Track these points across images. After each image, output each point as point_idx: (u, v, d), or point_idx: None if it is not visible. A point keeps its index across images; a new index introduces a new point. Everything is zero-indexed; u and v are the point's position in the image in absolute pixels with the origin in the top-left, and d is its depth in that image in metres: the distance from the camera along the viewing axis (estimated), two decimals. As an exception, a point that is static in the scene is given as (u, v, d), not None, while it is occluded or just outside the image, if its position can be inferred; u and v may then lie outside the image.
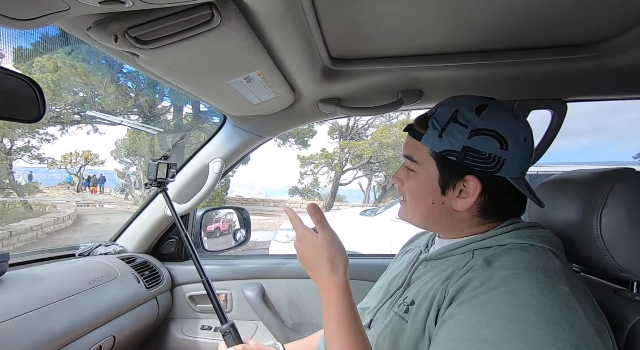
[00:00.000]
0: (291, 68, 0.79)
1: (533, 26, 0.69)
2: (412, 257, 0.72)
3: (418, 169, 0.62)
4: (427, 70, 0.88)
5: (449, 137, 0.56)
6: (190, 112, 11.41)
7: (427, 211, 0.62)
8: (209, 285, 0.91)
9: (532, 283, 0.46)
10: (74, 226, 9.30)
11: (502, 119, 0.57)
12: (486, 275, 0.49)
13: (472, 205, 0.57)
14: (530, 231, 0.57)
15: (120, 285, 1.03)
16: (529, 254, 0.51)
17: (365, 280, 1.23)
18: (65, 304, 0.84)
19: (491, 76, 0.89)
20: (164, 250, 1.32)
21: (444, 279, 0.55)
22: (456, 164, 0.57)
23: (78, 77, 8.78)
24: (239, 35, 0.58)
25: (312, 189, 16.09)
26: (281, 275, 1.29)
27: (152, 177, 1.00)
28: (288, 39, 0.65)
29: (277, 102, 0.96)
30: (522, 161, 0.57)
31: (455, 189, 0.58)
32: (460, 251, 0.59)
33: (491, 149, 0.55)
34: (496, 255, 0.53)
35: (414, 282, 0.64)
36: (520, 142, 0.56)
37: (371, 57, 0.85)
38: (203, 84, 0.74)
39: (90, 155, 18.71)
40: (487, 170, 0.56)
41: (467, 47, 0.80)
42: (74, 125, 10.69)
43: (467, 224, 0.61)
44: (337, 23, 0.68)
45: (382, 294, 0.72)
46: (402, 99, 0.97)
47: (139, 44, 0.52)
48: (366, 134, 14.94)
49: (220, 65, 0.66)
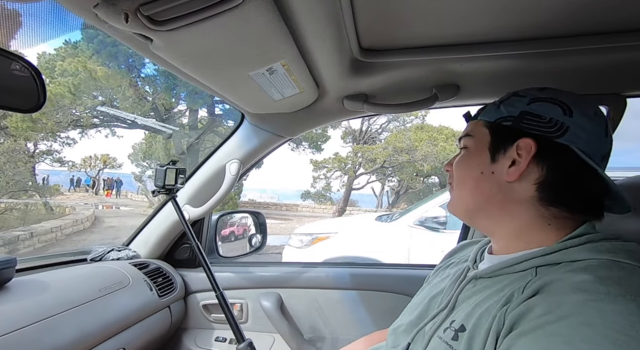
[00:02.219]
0: (317, 59, 0.71)
1: (588, 9, 0.60)
2: (457, 273, 0.62)
3: (471, 143, 0.57)
4: (467, 62, 0.79)
5: (506, 106, 0.53)
6: (205, 115, 11.56)
7: (475, 185, 0.55)
8: (224, 300, 0.84)
9: (618, 313, 0.36)
10: (91, 228, 9.48)
11: (567, 93, 0.52)
12: (554, 300, 0.40)
13: (523, 170, 0.49)
14: (612, 244, 0.46)
15: (132, 293, 0.97)
16: (612, 273, 0.41)
17: (392, 292, 1.14)
18: (72, 314, 0.78)
19: (539, 67, 0.79)
20: (178, 256, 1.26)
21: (503, 303, 0.46)
22: (510, 128, 0.52)
23: (98, 81, 9.00)
24: (264, 16, 0.51)
25: (324, 193, 15.98)
26: (299, 285, 1.21)
27: (160, 183, 0.95)
28: (317, 22, 0.58)
29: (300, 98, 0.88)
30: (592, 137, 0.49)
31: (506, 154, 0.51)
32: (520, 267, 0.49)
33: (552, 114, 0.49)
34: (566, 274, 0.43)
35: (462, 303, 0.54)
36: (590, 114, 0.49)
37: (404, 47, 0.77)
38: (222, 75, 0.67)
39: (108, 159, 19.23)
40: (546, 135, 0.49)
41: (513, 34, 0.71)
42: (93, 128, 10.97)
43: (525, 209, 0.51)
44: (371, 5, 0.60)
45: (419, 311, 0.62)
46: (437, 94, 0.89)
47: (152, 24, 0.46)
48: (379, 138, 14.78)
49: (241, 53, 0.59)
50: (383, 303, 1.15)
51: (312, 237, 3.70)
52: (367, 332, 1.10)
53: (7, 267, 0.74)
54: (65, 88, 8.97)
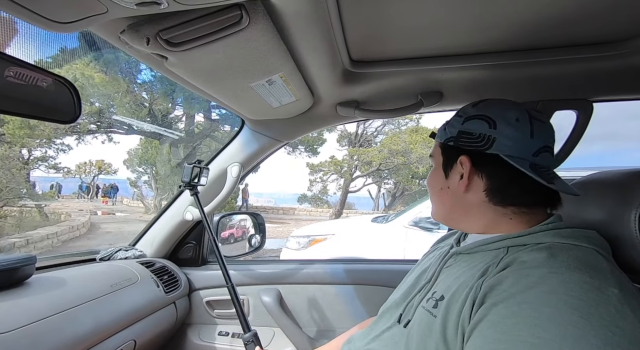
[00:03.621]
0: (312, 70, 0.79)
1: (557, 24, 0.68)
2: (442, 252, 0.71)
3: (433, 162, 0.68)
4: (448, 71, 0.87)
5: (450, 127, 0.64)
6: (202, 120, 11.61)
7: (439, 198, 0.66)
8: (234, 291, 0.91)
9: (575, 283, 0.43)
10: (87, 234, 9.46)
11: (494, 105, 0.61)
12: (522, 273, 0.47)
13: (467, 182, 0.59)
14: (573, 230, 0.53)
15: (141, 289, 1.04)
16: (571, 252, 0.48)
17: (384, 286, 1.22)
18: (89, 307, 0.84)
19: (513, 76, 0.87)
20: (182, 255, 1.32)
21: (479, 275, 0.53)
22: (452, 147, 0.62)
23: (95, 88, 9.03)
24: (265, 36, 0.58)
25: (320, 197, 16.05)
26: (298, 281, 1.27)
27: (187, 179, 1.02)
28: (312, 40, 0.66)
29: (296, 105, 0.96)
30: (518, 140, 0.56)
31: (453, 170, 0.62)
32: (494, 246, 0.57)
33: (480, 129, 0.58)
34: (533, 253, 0.50)
35: (442, 275, 0.62)
36: (511, 121, 0.57)
37: (391, 59, 0.85)
38: (226, 86, 0.75)
39: (103, 164, 19.13)
40: (477, 149, 0.58)
41: (489, 47, 0.79)
42: (90, 134, 10.97)
43: (484, 212, 0.59)
44: (359, 23, 0.68)
45: (408, 287, 0.70)
46: (422, 101, 0.96)
47: (170, 46, 0.53)
48: (375, 141, 14.92)
49: (244, 67, 0.67)
50: (376, 296, 1.22)
51: (310, 239, 3.76)
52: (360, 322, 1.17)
53: (28, 264, 0.80)
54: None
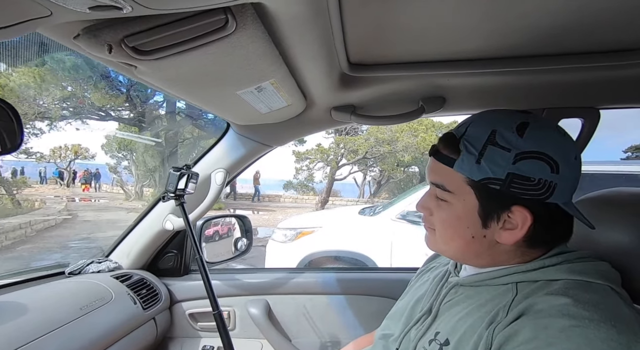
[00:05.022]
0: (306, 75, 0.71)
1: (567, 31, 0.62)
2: (437, 277, 0.65)
3: (452, 199, 0.54)
4: (453, 77, 0.80)
5: (489, 162, 0.49)
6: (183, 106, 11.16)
7: (465, 245, 0.54)
8: (221, 320, 0.83)
9: (602, 340, 0.38)
10: (64, 223, 9.09)
11: (549, 137, 0.50)
12: (540, 324, 0.42)
13: (520, 238, 0.51)
14: (585, 265, 0.50)
15: (115, 309, 0.95)
16: (589, 296, 0.44)
17: (379, 296, 1.17)
18: (55, 336, 0.75)
19: (520, 83, 0.82)
20: (162, 265, 1.24)
21: (488, 321, 0.48)
22: (500, 192, 0.49)
23: (66, 72, 8.44)
24: (255, 42, 0.49)
25: (306, 184, 15.99)
26: (287, 291, 1.22)
27: (172, 188, 0.90)
28: (309, 45, 0.57)
29: (288, 110, 0.87)
30: (573, 182, 0.51)
31: (499, 221, 0.51)
32: (500, 281, 0.52)
33: (540, 174, 0.48)
34: (548, 296, 0.45)
35: (445, 312, 0.57)
36: (571, 161, 0.50)
37: (392, 62, 0.78)
38: (209, 93, 0.65)
39: (79, 149, 18.31)
40: (535, 197, 0.48)
41: (496, 52, 0.72)
42: (63, 120, 10.36)
43: (510, 255, 0.54)
44: (362, 24, 0.60)
45: (405, 318, 0.65)
46: (423, 107, 0.90)
47: (137, 54, 0.44)
48: (361, 129, 14.86)
49: (230, 75, 0.58)
50: (369, 307, 1.18)
51: (297, 232, 3.70)
52: (354, 335, 1.14)
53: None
54: (29, 78, 8.37)
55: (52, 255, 6.45)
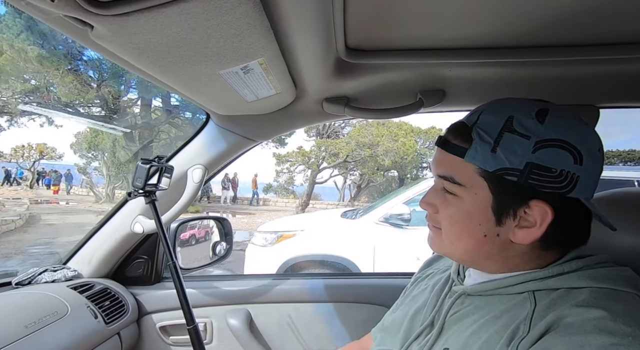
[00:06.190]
0: (299, 57, 0.63)
1: (570, 21, 0.58)
2: (438, 284, 0.59)
3: (462, 193, 0.48)
4: (456, 67, 0.75)
5: (506, 151, 0.44)
6: (160, 105, 10.76)
7: (475, 245, 0.48)
8: (197, 336, 0.73)
9: None
10: (24, 226, 8.46)
11: (572, 125, 0.45)
12: (574, 341, 0.37)
13: (537, 237, 0.45)
14: (608, 270, 0.45)
15: (71, 324, 0.82)
16: (622, 307, 0.39)
17: (369, 303, 1.10)
18: None
19: (520, 77, 0.79)
20: (129, 273, 1.10)
21: (508, 337, 0.42)
22: (517, 184, 0.44)
23: (29, 63, 7.86)
24: (242, 6, 0.41)
25: (287, 187, 15.82)
26: (270, 299, 1.12)
27: (140, 184, 0.77)
28: (304, 18, 0.50)
29: (275, 100, 0.79)
30: (596, 177, 0.46)
31: (515, 217, 0.45)
32: (515, 290, 0.46)
33: (563, 165, 0.43)
34: (577, 309, 0.40)
35: (453, 325, 0.50)
36: (595, 153, 0.45)
37: (393, 48, 0.71)
38: (186, 72, 0.56)
39: (45, 148, 17.26)
40: (557, 191, 0.43)
41: (498, 41, 0.68)
42: (25, 116, 9.64)
43: (524, 258, 0.48)
44: (364, 2, 0.53)
45: (403, 331, 0.58)
46: (422, 100, 0.84)
47: (91, 6, 0.34)
48: (343, 133, 14.92)
49: (212, 48, 0.49)
50: (359, 315, 1.10)
51: (277, 235, 3.59)
52: (342, 346, 1.05)
53: None
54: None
55: (8, 262, 5.94)
